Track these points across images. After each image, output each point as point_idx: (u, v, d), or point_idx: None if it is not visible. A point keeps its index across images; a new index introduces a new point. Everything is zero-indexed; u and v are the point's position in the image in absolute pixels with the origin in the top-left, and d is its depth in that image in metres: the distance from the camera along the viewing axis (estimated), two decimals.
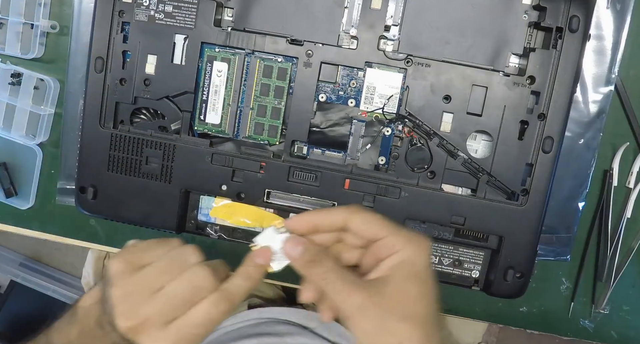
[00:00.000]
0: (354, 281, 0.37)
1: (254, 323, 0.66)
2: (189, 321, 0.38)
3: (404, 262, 0.37)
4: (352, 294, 0.36)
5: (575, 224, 0.52)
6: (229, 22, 0.47)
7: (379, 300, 0.36)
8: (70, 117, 0.54)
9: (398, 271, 0.37)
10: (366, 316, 0.36)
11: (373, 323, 0.36)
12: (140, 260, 0.39)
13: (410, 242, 0.37)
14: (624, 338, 0.55)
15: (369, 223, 0.38)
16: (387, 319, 0.36)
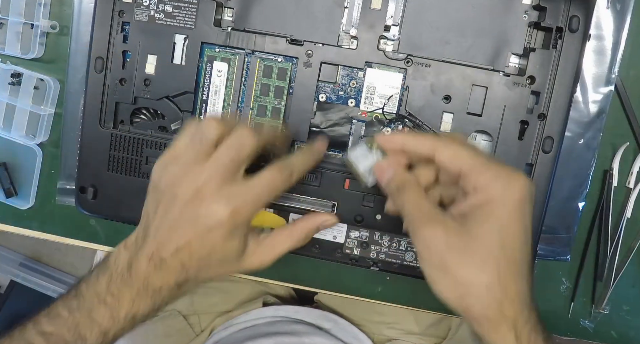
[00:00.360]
0: (429, 215, 0.36)
1: (269, 321, 0.66)
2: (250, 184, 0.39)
3: (487, 203, 0.34)
4: (423, 228, 0.35)
5: (575, 224, 0.52)
6: (229, 22, 0.47)
7: (449, 240, 0.34)
8: (70, 117, 0.54)
9: (479, 211, 0.35)
10: (432, 253, 0.35)
11: (438, 261, 0.35)
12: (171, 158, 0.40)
13: (499, 181, 0.35)
14: (624, 338, 0.55)
15: (455, 157, 0.36)
16: (453, 260, 0.34)
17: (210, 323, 0.70)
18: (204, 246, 0.39)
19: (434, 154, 0.37)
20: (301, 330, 0.63)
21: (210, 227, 0.38)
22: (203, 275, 0.41)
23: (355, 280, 0.56)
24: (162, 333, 0.70)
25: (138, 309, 0.40)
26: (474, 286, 0.34)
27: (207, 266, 0.40)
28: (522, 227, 0.35)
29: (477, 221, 0.35)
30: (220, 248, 0.39)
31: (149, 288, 0.40)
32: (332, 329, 0.65)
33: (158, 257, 0.39)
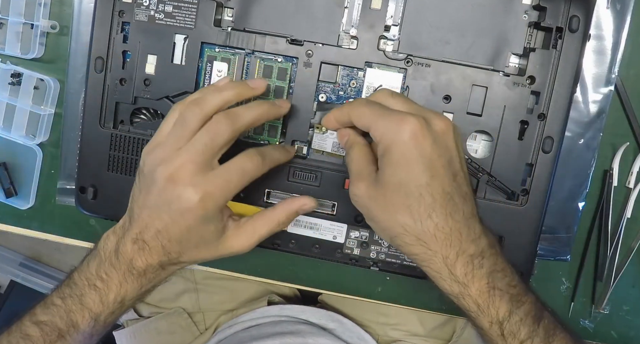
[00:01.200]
0: (360, 172, 0.40)
1: (274, 321, 0.66)
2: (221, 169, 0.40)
3: (385, 150, 0.37)
4: (352, 185, 0.40)
5: (575, 224, 0.52)
6: (229, 22, 0.47)
7: (370, 192, 0.38)
8: (70, 117, 0.54)
9: (382, 160, 0.38)
10: (360, 206, 0.40)
11: (366, 212, 0.40)
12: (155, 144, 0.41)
13: (389, 126, 0.37)
14: (624, 338, 0.55)
15: (360, 116, 0.40)
16: (375, 209, 0.38)
17: (214, 321, 0.70)
18: (180, 230, 0.40)
19: (350, 118, 0.40)
20: (306, 330, 0.63)
21: (182, 211, 0.39)
22: (185, 257, 0.42)
23: (355, 280, 0.56)
24: (167, 330, 0.70)
25: (126, 292, 0.41)
26: (393, 228, 0.38)
27: (186, 248, 0.41)
28: (421, 166, 0.36)
29: (383, 170, 0.38)
30: (195, 231, 0.40)
31: (134, 270, 0.41)
32: (337, 330, 0.65)
33: (141, 239, 0.40)
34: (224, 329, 0.67)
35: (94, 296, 0.41)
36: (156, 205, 0.40)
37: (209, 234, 0.41)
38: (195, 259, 0.42)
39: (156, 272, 0.42)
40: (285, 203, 0.44)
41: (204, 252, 0.42)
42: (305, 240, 0.49)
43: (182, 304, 0.71)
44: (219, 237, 0.42)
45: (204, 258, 0.42)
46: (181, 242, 0.40)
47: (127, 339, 0.70)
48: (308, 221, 0.49)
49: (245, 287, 0.71)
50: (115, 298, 0.42)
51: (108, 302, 0.41)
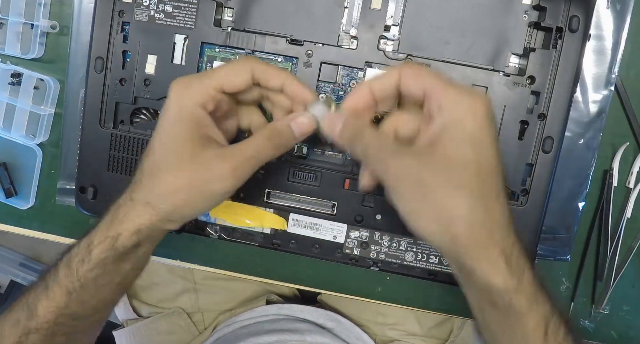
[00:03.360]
0: (395, 150, 0.34)
1: (272, 319, 0.66)
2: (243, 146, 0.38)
3: (455, 122, 0.33)
4: (392, 162, 0.33)
5: (575, 224, 0.52)
6: (229, 22, 0.47)
7: (420, 168, 0.32)
8: (70, 117, 0.54)
9: (447, 132, 0.33)
10: (407, 185, 0.32)
11: (414, 192, 0.32)
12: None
13: (462, 96, 0.33)
14: (624, 338, 0.55)
15: (418, 76, 0.35)
16: (429, 188, 0.32)
17: (213, 320, 0.70)
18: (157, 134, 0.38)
19: (399, 80, 0.35)
20: (304, 328, 0.63)
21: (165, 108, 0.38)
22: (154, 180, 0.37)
23: (355, 280, 0.56)
24: (166, 330, 0.70)
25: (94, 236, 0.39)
26: (457, 208, 0.32)
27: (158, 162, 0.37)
28: (493, 140, 0.33)
29: (449, 140, 0.33)
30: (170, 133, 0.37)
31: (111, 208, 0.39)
32: (336, 329, 0.65)
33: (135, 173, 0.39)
34: (222, 328, 0.68)
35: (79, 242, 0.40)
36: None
37: (185, 140, 0.37)
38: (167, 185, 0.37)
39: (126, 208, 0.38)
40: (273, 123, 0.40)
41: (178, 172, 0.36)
42: (305, 240, 0.49)
43: (181, 304, 0.71)
44: (200, 150, 0.37)
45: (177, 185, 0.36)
46: (156, 152, 0.37)
47: (126, 339, 0.70)
48: (308, 221, 0.49)
49: (245, 287, 0.71)
50: (85, 243, 0.39)
51: (79, 247, 0.39)
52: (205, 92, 0.38)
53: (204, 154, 0.37)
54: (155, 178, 0.37)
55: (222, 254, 0.57)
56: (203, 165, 0.37)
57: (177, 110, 0.37)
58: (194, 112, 0.38)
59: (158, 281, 0.71)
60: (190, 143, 0.37)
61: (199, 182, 0.37)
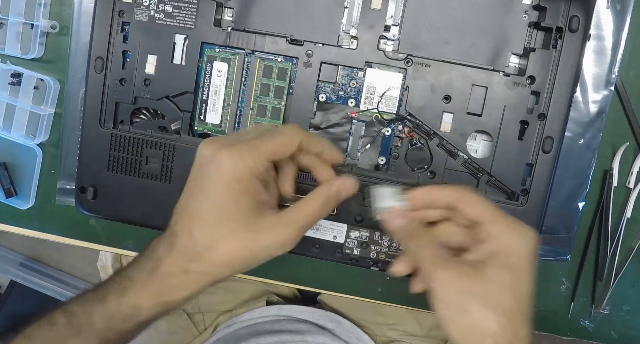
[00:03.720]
0: (446, 258, 0.37)
1: (273, 320, 0.66)
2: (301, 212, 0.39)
3: (502, 250, 0.37)
4: (440, 271, 0.37)
5: (575, 224, 0.52)
6: (229, 22, 0.47)
7: (465, 282, 0.36)
8: (70, 117, 0.54)
9: (494, 257, 0.37)
10: (449, 295, 0.36)
11: (455, 303, 0.36)
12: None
13: (512, 231, 0.37)
14: (624, 338, 0.55)
15: (475, 205, 0.38)
16: (469, 302, 0.36)
17: (213, 321, 0.70)
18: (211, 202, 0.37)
19: (458, 202, 0.39)
20: (305, 329, 0.63)
21: (213, 175, 0.37)
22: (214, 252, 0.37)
23: (355, 280, 0.56)
24: (166, 330, 0.70)
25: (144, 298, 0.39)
26: (490, 327, 0.36)
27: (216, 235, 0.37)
28: (530, 276, 0.37)
29: (493, 267, 0.37)
30: (226, 201, 0.37)
31: (160, 271, 0.38)
32: (336, 330, 0.65)
33: (173, 232, 0.38)
34: (223, 329, 0.68)
35: (115, 294, 0.39)
36: (192, 180, 0.38)
37: (244, 210, 0.37)
38: (226, 257, 0.38)
39: (179, 278, 0.38)
40: (323, 187, 0.41)
41: (238, 243, 0.37)
42: (305, 240, 0.49)
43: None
44: (257, 218, 0.38)
45: (238, 255, 0.38)
46: (213, 225, 0.37)
47: None
48: None
49: (245, 287, 0.71)
50: (130, 302, 0.39)
51: (124, 303, 0.39)
52: (259, 161, 0.38)
53: (263, 222, 0.38)
54: (214, 250, 0.37)
55: None
56: (262, 233, 0.38)
57: (232, 180, 0.37)
58: (250, 181, 0.38)
59: None
60: (250, 213, 0.38)
61: (260, 251, 0.38)
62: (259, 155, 0.38)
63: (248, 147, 0.37)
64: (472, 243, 0.39)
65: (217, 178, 0.37)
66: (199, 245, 0.37)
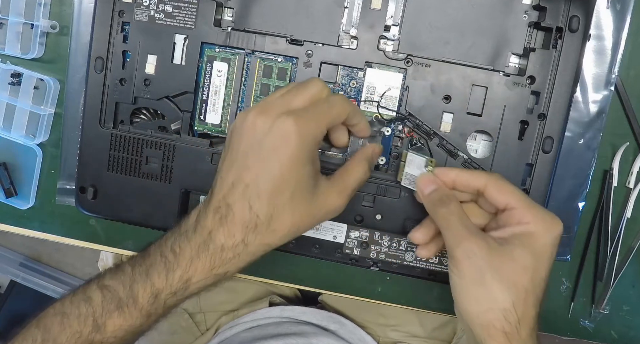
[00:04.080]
0: (473, 230, 0.38)
1: (276, 322, 0.66)
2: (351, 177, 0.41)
3: (528, 235, 0.38)
4: (467, 240, 0.38)
5: (575, 224, 0.52)
6: (229, 22, 0.47)
7: (489, 256, 0.37)
8: (70, 117, 0.54)
9: (519, 239, 0.38)
10: (471, 265, 0.37)
11: (475, 273, 0.37)
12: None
13: (542, 219, 0.39)
14: (624, 338, 0.55)
15: (505, 191, 0.39)
16: (489, 275, 0.37)
17: (215, 321, 0.70)
18: (272, 175, 0.36)
19: (485, 187, 0.40)
20: (309, 331, 0.63)
21: (276, 146, 0.36)
22: (276, 223, 0.37)
23: (355, 280, 0.56)
24: (168, 330, 0.70)
25: (195, 271, 0.38)
26: (503, 302, 0.37)
27: (279, 205, 0.37)
28: (550, 263, 0.39)
29: (517, 247, 0.38)
30: (290, 174, 0.37)
31: (211, 245, 0.37)
32: (339, 331, 0.65)
33: (225, 205, 0.37)
34: (225, 330, 0.67)
35: (160, 269, 0.38)
36: (244, 153, 0.37)
37: (305, 179, 0.37)
38: (287, 226, 0.38)
39: (236, 250, 0.37)
40: (360, 153, 0.43)
41: (298, 211, 0.38)
42: (305, 240, 0.49)
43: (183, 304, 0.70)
44: (314, 187, 0.38)
45: (297, 223, 0.38)
46: (273, 195, 0.37)
47: None
48: None
49: (246, 287, 0.71)
50: (180, 277, 0.38)
51: (173, 279, 0.38)
52: (320, 132, 0.38)
53: (319, 190, 0.39)
54: (275, 221, 0.37)
55: None
56: (320, 201, 0.39)
57: (299, 152, 0.37)
58: (313, 151, 0.38)
59: None
60: (308, 182, 0.38)
61: (317, 218, 0.39)
62: (321, 127, 0.38)
63: (312, 118, 0.37)
64: (495, 226, 0.40)
65: (282, 150, 0.36)
66: (259, 217, 0.37)
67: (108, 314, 0.39)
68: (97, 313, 0.39)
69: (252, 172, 0.37)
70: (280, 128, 0.36)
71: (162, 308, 0.40)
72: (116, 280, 0.40)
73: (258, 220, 0.37)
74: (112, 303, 0.39)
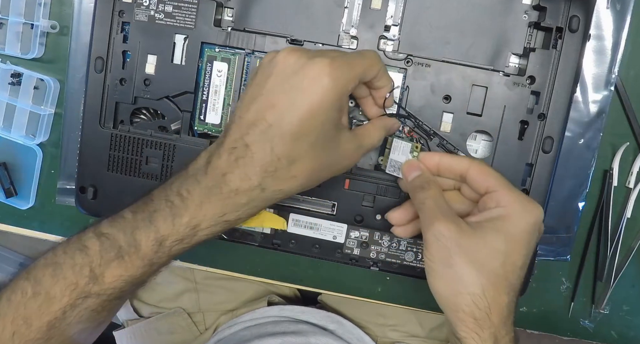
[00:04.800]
0: (447, 213, 0.38)
1: (275, 321, 0.66)
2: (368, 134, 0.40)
3: (503, 218, 0.37)
4: (437, 222, 0.37)
5: (575, 224, 0.52)
6: (229, 22, 0.47)
7: (459, 238, 0.36)
8: (70, 117, 0.54)
9: (493, 223, 0.37)
10: (440, 247, 0.37)
11: (443, 255, 0.37)
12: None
13: (519, 203, 0.38)
14: (624, 338, 0.55)
15: (486, 174, 0.39)
16: (458, 257, 0.36)
17: (214, 321, 0.70)
18: (298, 117, 0.34)
19: (467, 170, 0.40)
20: (307, 330, 0.63)
21: (307, 86, 0.34)
22: (295, 169, 0.35)
23: (355, 280, 0.56)
24: (166, 330, 0.70)
25: (204, 216, 0.36)
26: (472, 286, 0.36)
27: (300, 150, 0.35)
28: (526, 250, 0.38)
29: (490, 231, 0.37)
30: (317, 117, 0.34)
31: (224, 187, 0.35)
32: (337, 331, 0.65)
33: (242, 145, 0.35)
34: (224, 330, 0.67)
35: (166, 214, 0.36)
36: (269, 90, 0.35)
37: (332, 126, 0.35)
38: (307, 173, 0.36)
39: (251, 195, 0.35)
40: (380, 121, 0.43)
41: (319, 159, 0.36)
42: (305, 240, 0.49)
43: (182, 304, 0.71)
44: (337, 137, 0.37)
45: (316, 170, 0.36)
46: (298, 137, 0.34)
47: (127, 339, 0.70)
48: (308, 221, 0.48)
49: (245, 287, 0.71)
50: (189, 222, 0.35)
51: (180, 225, 0.35)
52: (353, 79, 0.36)
53: (340, 142, 0.38)
54: (297, 165, 0.35)
55: (222, 254, 0.57)
56: (339, 153, 0.38)
57: (330, 95, 0.34)
58: (343, 98, 0.36)
59: (159, 280, 0.71)
60: (333, 130, 0.36)
61: (334, 168, 0.38)
62: (354, 74, 0.36)
63: (346, 63, 0.36)
64: (476, 213, 0.40)
65: (313, 90, 0.34)
66: (280, 160, 0.35)
67: (107, 264, 0.37)
68: (94, 263, 0.37)
69: (277, 111, 0.34)
70: (314, 68, 0.34)
71: (166, 256, 0.37)
72: (115, 228, 0.37)
73: (279, 163, 0.35)
74: (112, 251, 0.37)
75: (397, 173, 0.44)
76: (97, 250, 0.37)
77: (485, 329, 0.36)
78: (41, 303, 0.37)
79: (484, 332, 0.36)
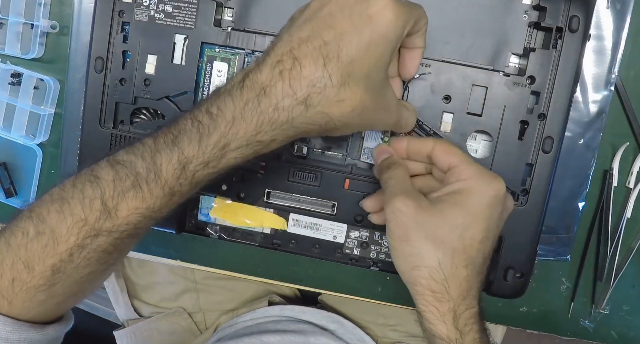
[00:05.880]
0: (407, 190, 0.38)
1: (275, 320, 0.66)
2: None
3: (463, 191, 0.37)
4: (395, 198, 0.37)
5: (575, 224, 0.52)
6: (229, 22, 0.47)
7: (416, 213, 0.36)
8: (70, 117, 0.54)
9: (453, 196, 0.37)
10: (398, 223, 0.37)
11: (401, 231, 0.37)
12: None
13: (480, 175, 0.37)
14: (624, 338, 0.55)
15: (449, 152, 0.39)
16: (414, 231, 0.36)
17: (215, 321, 0.70)
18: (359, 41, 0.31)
19: (432, 149, 0.40)
20: (307, 330, 0.63)
21: (371, 15, 0.32)
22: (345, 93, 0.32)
23: (355, 280, 0.56)
24: (167, 330, 0.70)
25: (236, 134, 0.32)
26: (428, 259, 0.36)
27: (354, 75, 0.32)
28: (486, 224, 0.37)
29: (449, 204, 0.37)
30: (376, 47, 0.32)
31: (262, 102, 0.31)
32: (338, 331, 0.65)
33: (290, 57, 0.31)
34: (224, 329, 0.68)
35: (192, 135, 0.32)
36: (328, 14, 0.32)
37: (384, 64, 0.33)
38: (356, 102, 0.33)
39: (291, 113, 0.31)
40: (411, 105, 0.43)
41: (369, 93, 0.33)
42: (305, 240, 0.49)
43: (182, 304, 0.71)
44: (385, 82, 0.35)
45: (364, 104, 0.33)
46: (354, 61, 0.31)
47: (127, 339, 0.70)
48: (308, 221, 0.49)
49: (246, 287, 0.71)
50: (217, 141, 0.32)
51: (207, 145, 0.32)
52: (411, 23, 0.34)
53: (387, 86, 0.36)
54: (348, 90, 0.32)
55: (222, 254, 0.57)
56: (386, 97, 0.36)
57: (393, 31, 0.33)
58: (398, 42, 0.35)
59: (159, 280, 0.71)
60: (385, 71, 0.35)
61: (378, 113, 0.36)
62: (414, 16, 0.34)
63: (407, 4, 0.34)
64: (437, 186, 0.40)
65: (378, 20, 0.32)
66: (332, 78, 0.31)
67: (121, 195, 0.32)
68: (106, 195, 0.32)
69: (337, 32, 0.32)
70: (379, 1, 0.32)
71: (188, 183, 0.33)
72: (134, 154, 0.33)
73: (329, 81, 0.31)
74: (128, 180, 0.32)
75: (370, 160, 0.45)
76: (110, 179, 0.33)
77: (444, 303, 0.37)
78: (45, 244, 0.33)
79: (442, 306, 0.37)
